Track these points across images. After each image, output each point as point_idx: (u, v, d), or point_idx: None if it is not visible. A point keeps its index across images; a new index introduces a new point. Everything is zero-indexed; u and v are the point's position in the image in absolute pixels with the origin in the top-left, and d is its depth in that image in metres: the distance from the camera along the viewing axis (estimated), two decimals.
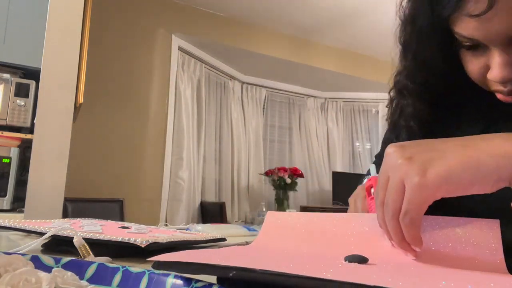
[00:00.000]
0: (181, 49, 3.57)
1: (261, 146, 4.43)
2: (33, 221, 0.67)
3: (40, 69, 1.70)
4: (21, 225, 0.59)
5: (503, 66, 0.46)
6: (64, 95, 1.73)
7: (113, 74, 3.12)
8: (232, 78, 4.28)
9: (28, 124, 1.77)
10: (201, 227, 0.94)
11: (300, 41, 4.17)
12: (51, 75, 1.71)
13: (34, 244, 0.50)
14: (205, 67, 3.88)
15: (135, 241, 0.50)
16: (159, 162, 3.31)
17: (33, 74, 1.79)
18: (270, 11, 3.66)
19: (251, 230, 0.96)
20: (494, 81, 0.48)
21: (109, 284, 0.33)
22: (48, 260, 0.35)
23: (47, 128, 1.68)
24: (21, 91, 1.77)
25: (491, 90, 0.50)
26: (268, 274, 0.28)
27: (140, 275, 0.33)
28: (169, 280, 0.32)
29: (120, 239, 0.51)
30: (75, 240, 0.46)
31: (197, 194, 3.66)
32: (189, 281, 0.31)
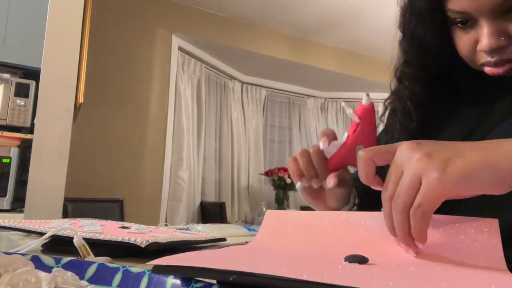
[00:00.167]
0: (181, 49, 3.57)
1: (261, 146, 4.43)
2: (33, 221, 0.67)
3: (40, 69, 1.70)
4: (21, 225, 0.59)
5: (491, 35, 0.51)
6: (64, 95, 1.73)
7: (113, 74, 3.12)
8: (232, 78, 4.28)
9: (28, 124, 1.77)
10: (201, 227, 0.94)
11: (300, 41, 4.17)
12: (51, 75, 1.71)
13: (34, 244, 0.50)
14: (205, 67, 3.88)
15: (135, 241, 0.50)
16: (159, 162, 3.31)
17: (33, 74, 1.79)
18: (270, 11, 3.66)
19: (251, 230, 0.97)
20: (484, 51, 0.52)
21: (109, 284, 0.33)
22: (48, 260, 0.35)
23: (47, 128, 1.68)
24: (21, 91, 1.77)
25: (480, 66, 0.55)
26: (269, 278, 0.28)
27: (140, 275, 0.33)
28: (169, 281, 0.32)
29: (120, 239, 0.51)
30: (75, 240, 0.46)
31: (197, 194, 3.66)
32: (189, 281, 0.31)
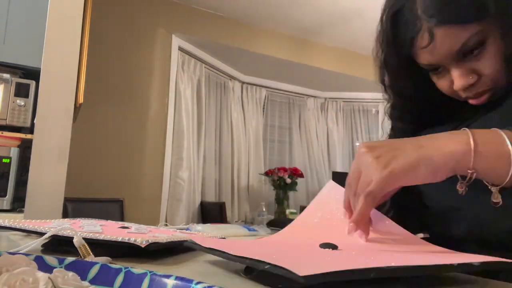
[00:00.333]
0: (181, 49, 3.57)
1: (261, 146, 4.43)
2: (33, 221, 0.67)
3: (40, 69, 1.70)
4: (21, 225, 0.59)
5: (460, 77, 0.59)
6: (64, 95, 1.73)
7: (113, 74, 3.12)
8: (232, 78, 4.28)
9: (28, 124, 1.77)
10: (201, 227, 0.94)
11: (300, 41, 4.17)
12: (51, 75, 1.71)
13: (34, 244, 0.50)
14: (205, 67, 3.88)
15: (135, 241, 0.50)
16: (159, 162, 3.31)
17: (33, 74, 1.79)
18: (270, 11, 3.66)
19: (251, 230, 0.96)
20: (459, 90, 0.60)
21: (111, 285, 0.33)
22: (51, 260, 0.35)
23: (47, 128, 1.68)
24: (21, 91, 1.77)
25: (464, 99, 0.62)
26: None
27: (142, 276, 0.33)
28: (170, 282, 0.32)
29: (120, 239, 0.51)
30: (75, 240, 0.46)
31: (197, 194, 3.66)
32: (189, 281, 0.31)
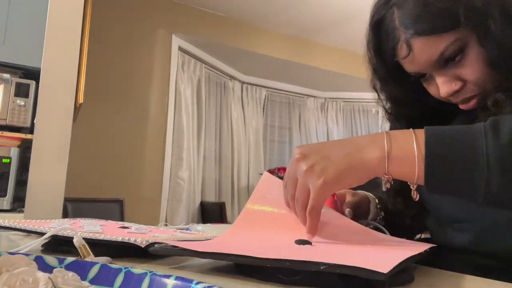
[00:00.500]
0: (181, 49, 3.56)
1: (261, 146, 4.43)
2: (33, 221, 0.67)
3: (40, 69, 1.70)
4: (21, 225, 0.59)
5: (443, 84, 0.60)
6: (64, 95, 1.73)
7: (113, 74, 3.12)
8: (232, 78, 4.28)
9: (28, 124, 1.77)
10: (201, 227, 0.94)
11: (300, 41, 4.17)
12: (51, 75, 1.71)
13: (34, 244, 0.50)
14: (205, 67, 3.88)
15: (135, 241, 0.50)
16: (159, 162, 3.31)
17: (33, 74, 1.79)
18: (270, 11, 3.66)
19: None
20: (445, 97, 0.62)
21: (111, 285, 0.33)
22: (51, 260, 0.35)
23: (47, 128, 1.68)
24: (21, 91, 1.76)
25: (455, 102, 0.64)
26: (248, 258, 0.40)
27: (142, 276, 0.33)
28: (170, 282, 0.32)
29: (120, 239, 0.51)
30: (75, 240, 0.46)
31: (197, 194, 3.66)
32: (189, 281, 0.31)
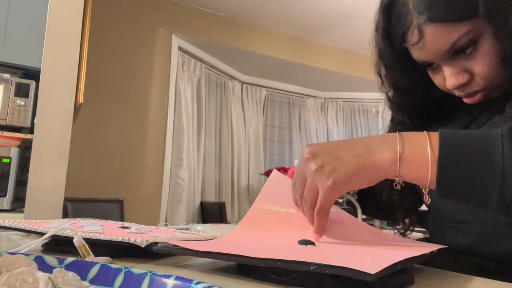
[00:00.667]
0: (181, 49, 3.56)
1: (261, 146, 4.43)
2: (33, 221, 0.67)
3: (40, 69, 1.70)
4: (21, 225, 0.59)
5: (451, 76, 0.58)
6: (64, 95, 1.73)
7: (113, 74, 3.12)
8: (232, 78, 4.28)
9: (28, 124, 1.77)
10: (201, 227, 0.94)
11: (300, 41, 4.17)
12: (51, 75, 1.71)
13: (34, 244, 0.50)
14: (205, 67, 3.88)
15: (135, 241, 0.50)
16: (159, 162, 3.31)
17: (33, 74, 1.79)
18: (270, 11, 3.66)
19: None
20: (450, 89, 0.60)
21: (111, 285, 0.33)
22: (51, 260, 0.35)
23: (47, 128, 1.68)
24: (21, 91, 1.77)
25: (459, 95, 0.62)
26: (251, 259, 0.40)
27: (142, 276, 0.33)
28: (170, 282, 0.32)
29: (120, 239, 0.51)
30: (75, 240, 0.46)
31: (197, 194, 3.66)
32: (189, 281, 0.31)
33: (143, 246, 0.49)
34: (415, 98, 0.69)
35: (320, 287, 0.39)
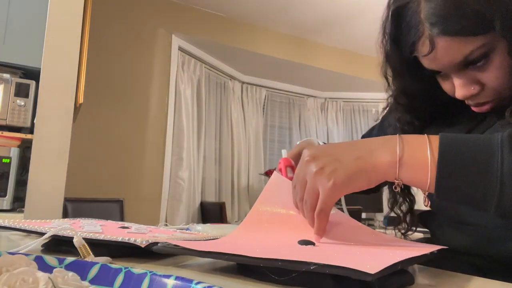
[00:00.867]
0: (181, 49, 3.56)
1: (261, 146, 4.43)
2: (33, 221, 0.67)
3: (40, 69, 1.70)
4: (21, 225, 0.59)
5: (461, 86, 0.58)
6: (64, 95, 1.73)
7: (113, 74, 3.12)
8: (232, 78, 4.28)
9: (28, 124, 1.77)
10: (201, 227, 0.94)
11: (300, 41, 4.17)
12: (51, 75, 1.71)
13: (34, 244, 0.50)
14: (205, 67, 3.88)
15: (135, 241, 0.50)
16: (159, 162, 3.31)
17: (33, 74, 1.79)
18: (270, 11, 3.66)
19: None
20: (460, 99, 0.60)
21: (111, 285, 0.33)
22: (51, 260, 0.35)
23: (47, 128, 1.68)
24: (21, 91, 1.77)
25: (467, 104, 0.62)
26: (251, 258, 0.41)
27: (142, 276, 0.33)
28: (170, 282, 0.32)
29: (120, 239, 0.51)
30: (75, 240, 0.46)
31: (197, 194, 3.66)
32: (189, 281, 0.31)
33: (143, 246, 0.49)
34: (423, 100, 0.68)
35: (320, 287, 0.39)
